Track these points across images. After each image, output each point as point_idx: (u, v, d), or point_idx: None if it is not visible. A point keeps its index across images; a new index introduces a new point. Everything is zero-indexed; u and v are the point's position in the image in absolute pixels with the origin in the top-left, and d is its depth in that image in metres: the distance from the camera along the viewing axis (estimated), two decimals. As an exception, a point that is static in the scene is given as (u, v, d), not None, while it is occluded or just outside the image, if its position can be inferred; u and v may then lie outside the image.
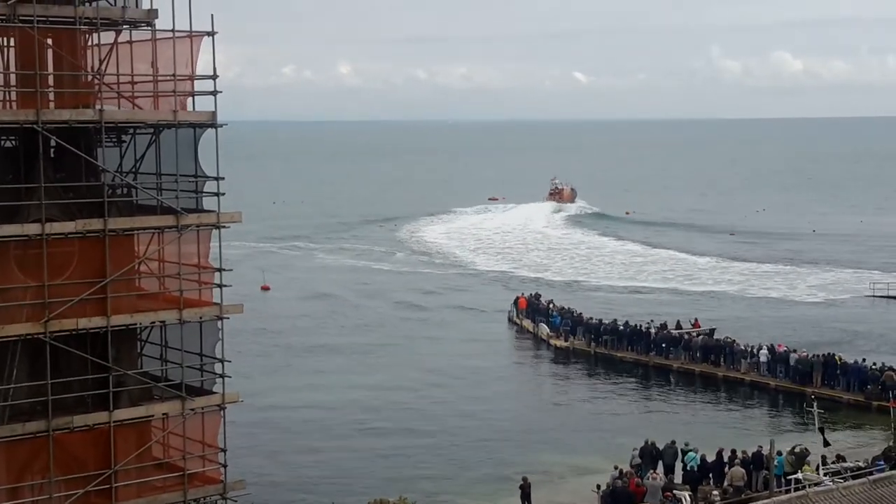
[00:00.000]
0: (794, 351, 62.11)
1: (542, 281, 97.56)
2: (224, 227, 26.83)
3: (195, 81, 26.64)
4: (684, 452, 44.75)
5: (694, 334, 67.98)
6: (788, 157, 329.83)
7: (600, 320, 71.98)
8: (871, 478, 34.79)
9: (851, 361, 59.70)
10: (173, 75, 26.16)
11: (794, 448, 43.31)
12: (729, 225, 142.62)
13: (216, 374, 27.50)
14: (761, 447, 43.81)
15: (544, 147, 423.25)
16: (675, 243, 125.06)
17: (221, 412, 27.21)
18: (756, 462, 43.33)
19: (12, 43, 25.61)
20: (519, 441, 52.35)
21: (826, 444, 43.27)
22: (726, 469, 43.54)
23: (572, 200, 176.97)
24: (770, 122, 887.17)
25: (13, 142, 25.61)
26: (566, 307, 76.75)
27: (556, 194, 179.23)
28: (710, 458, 44.29)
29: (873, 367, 58.52)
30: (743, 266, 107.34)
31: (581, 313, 74.36)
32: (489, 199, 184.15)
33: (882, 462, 41.77)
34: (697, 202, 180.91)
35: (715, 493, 41.98)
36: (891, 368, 57.63)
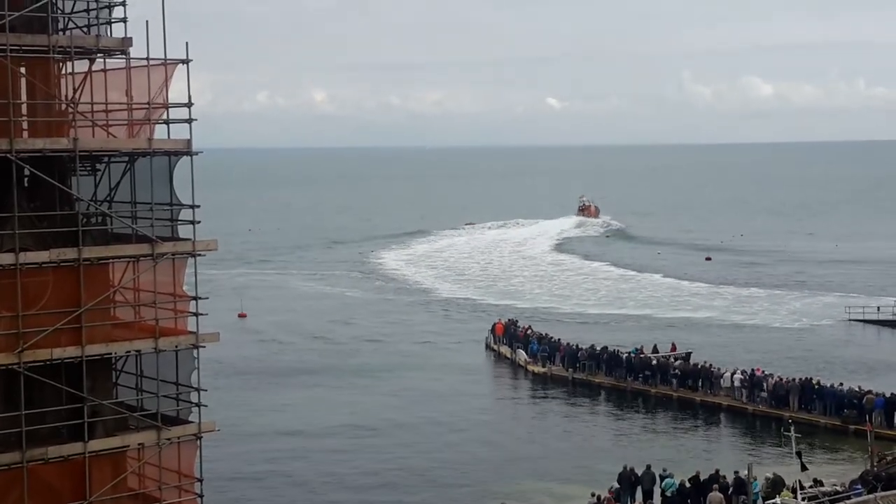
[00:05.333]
0: (771, 375, 62.26)
1: (526, 308, 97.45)
2: (200, 255, 26.70)
3: (169, 109, 26.57)
4: (662, 478, 44.72)
5: (671, 359, 68.07)
6: (761, 182, 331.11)
7: (578, 346, 71.97)
8: (848, 502, 34.83)
9: (828, 385, 59.88)
10: (148, 103, 26.07)
11: (766, 477, 43.35)
12: (706, 249, 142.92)
13: (192, 403, 27.30)
14: (738, 472, 43.81)
15: (521, 172, 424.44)
16: (655, 267, 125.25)
17: (197, 442, 27.01)
18: (735, 487, 43.29)
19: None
20: (498, 468, 52.16)
21: (803, 468, 43.25)
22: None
23: (597, 216, 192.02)
24: (741, 147, 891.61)
25: (-13, 171, 25.42)
26: (544, 333, 76.71)
27: (584, 210, 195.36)
28: (688, 483, 44.24)
29: (851, 389, 58.68)
30: (722, 290, 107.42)
31: (559, 339, 74.35)
32: (466, 224, 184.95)
33: (859, 486, 41.79)
34: (679, 226, 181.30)
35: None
36: (870, 392, 57.84)
